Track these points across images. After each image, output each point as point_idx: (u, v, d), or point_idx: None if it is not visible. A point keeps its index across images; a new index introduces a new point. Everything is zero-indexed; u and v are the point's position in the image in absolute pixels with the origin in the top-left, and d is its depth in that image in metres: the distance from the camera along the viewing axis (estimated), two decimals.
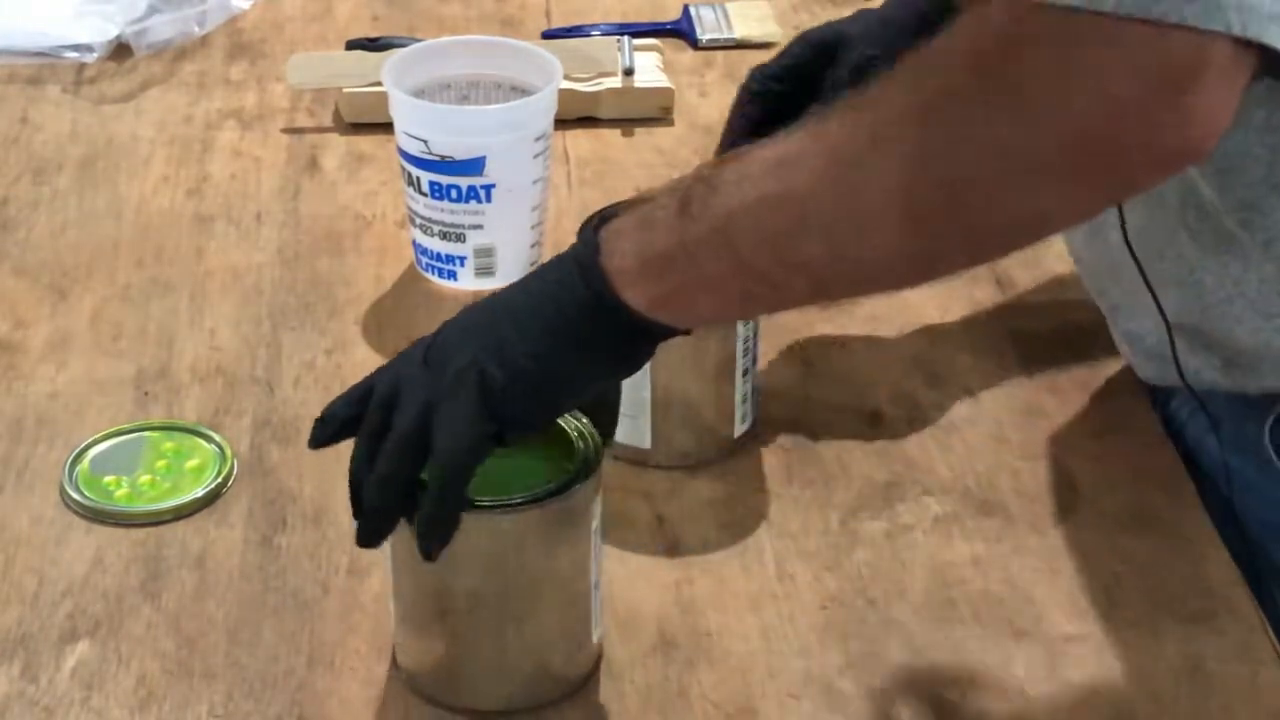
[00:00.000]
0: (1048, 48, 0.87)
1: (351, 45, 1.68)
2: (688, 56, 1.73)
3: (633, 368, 1.03)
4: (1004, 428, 1.27)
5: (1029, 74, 0.88)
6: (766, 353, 1.30)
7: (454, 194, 1.37)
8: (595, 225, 1.01)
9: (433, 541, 1.00)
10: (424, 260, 1.41)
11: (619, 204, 1.04)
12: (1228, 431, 1.22)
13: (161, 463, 1.23)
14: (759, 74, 1.31)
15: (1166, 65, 0.87)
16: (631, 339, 1.00)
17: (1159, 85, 0.87)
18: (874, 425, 1.27)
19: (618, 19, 1.77)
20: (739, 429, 1.25)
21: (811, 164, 0.95)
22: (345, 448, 1.23)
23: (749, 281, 0.98)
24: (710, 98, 1.65)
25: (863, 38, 1.30)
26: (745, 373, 1.24)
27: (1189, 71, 0.87)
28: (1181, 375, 1.20)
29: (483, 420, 0.99)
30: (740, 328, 1.22)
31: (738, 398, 1.24)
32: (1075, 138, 0.88)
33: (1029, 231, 0.96)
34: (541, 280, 1.02)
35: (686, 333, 1.02)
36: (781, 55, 1.32)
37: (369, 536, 1.02)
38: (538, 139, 1.38)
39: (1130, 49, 0.86)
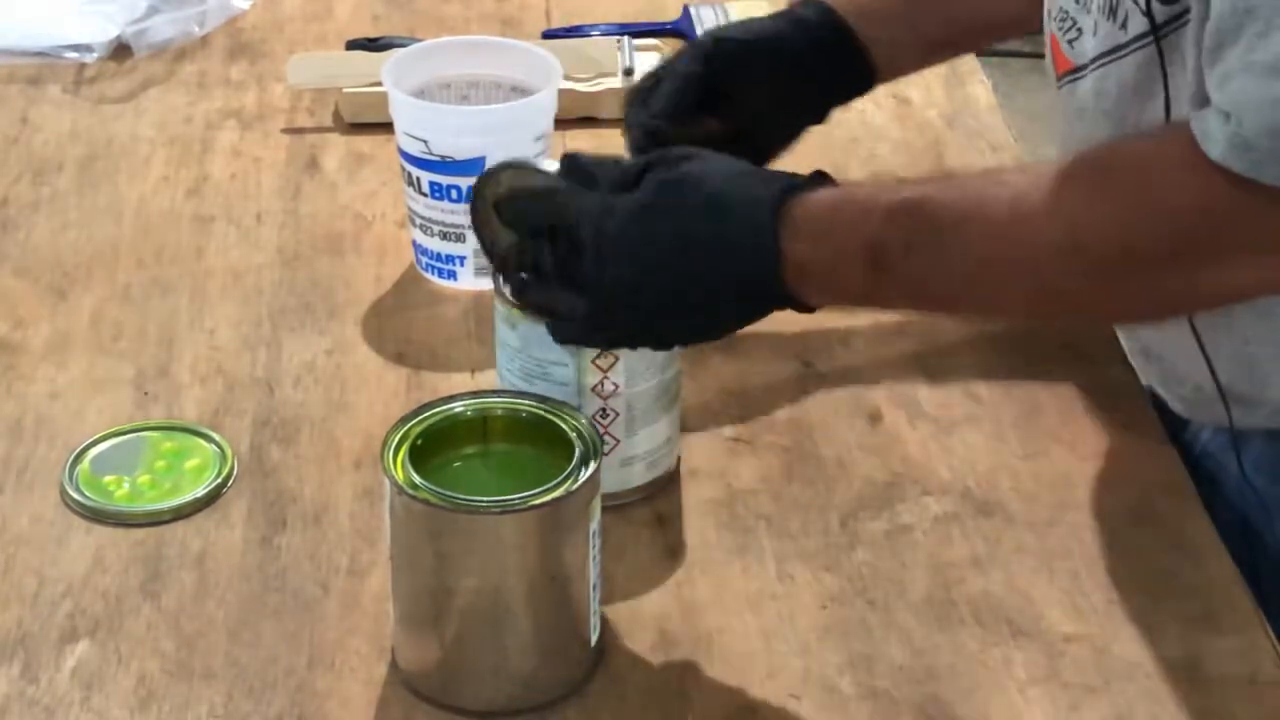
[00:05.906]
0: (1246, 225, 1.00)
1: (351, 45, 1.68)
2: None
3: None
4: (1004, 428, 1.27)
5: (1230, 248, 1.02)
6: (767, 352, 1.30)
7: (454, 194, 1.36)
8: (780, 199, 1.07)
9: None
10: (424, 260, 1.41)
11: (810, 188, 1.08)
12: (1265, 458, 1.22)
13: (161, 463, 1.22)
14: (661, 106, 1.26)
15: None
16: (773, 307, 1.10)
17: None
18: (874, 425, 1.27)
19: (618, 19, 1.77)
20: None
21: (1011, 269, 1.06)
22: (345, 449, 1.24)
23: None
24: None
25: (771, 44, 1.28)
26: None
27: None
28: (1231, 424, 1.21)
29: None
30: None
31: None
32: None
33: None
34: (720, 239, 1.07)
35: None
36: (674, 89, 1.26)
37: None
38: (538, 139, 1.38)
39: None
